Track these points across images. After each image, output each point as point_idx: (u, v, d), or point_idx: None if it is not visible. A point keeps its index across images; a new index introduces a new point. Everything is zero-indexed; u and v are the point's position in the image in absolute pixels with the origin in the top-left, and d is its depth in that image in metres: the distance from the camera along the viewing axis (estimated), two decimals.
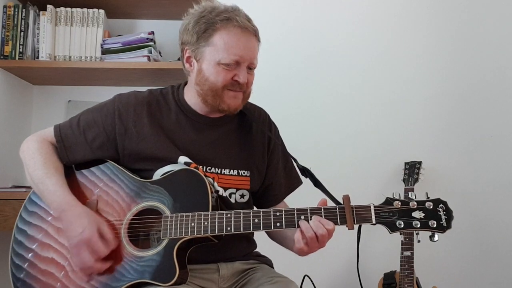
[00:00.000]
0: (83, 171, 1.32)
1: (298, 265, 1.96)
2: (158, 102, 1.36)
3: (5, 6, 2.20)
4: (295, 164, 1.43)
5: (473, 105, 2.37)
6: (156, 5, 2.38)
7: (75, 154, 1.30)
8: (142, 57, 2.25)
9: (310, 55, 2.39)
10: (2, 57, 2.17)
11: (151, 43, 2.29)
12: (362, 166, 2.33)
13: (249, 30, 1.26)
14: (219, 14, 1.26)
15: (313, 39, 2.40)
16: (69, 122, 1.35)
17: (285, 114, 2.33)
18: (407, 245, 2.05)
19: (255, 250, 1.47)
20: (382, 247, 2.28)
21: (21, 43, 2.20)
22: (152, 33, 2.32)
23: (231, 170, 1.34)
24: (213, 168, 1.32)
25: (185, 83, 1.43)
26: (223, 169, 1.33)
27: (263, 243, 1.53)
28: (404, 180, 2.17)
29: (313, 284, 2.03)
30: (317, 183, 1.36)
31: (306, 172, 1.38)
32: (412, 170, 2.17)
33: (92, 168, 1.32)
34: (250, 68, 1.30)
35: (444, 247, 2.30)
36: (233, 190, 1.34)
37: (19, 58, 2.19)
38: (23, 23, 2.21)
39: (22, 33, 2.20)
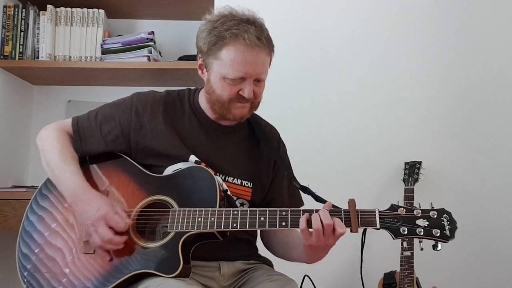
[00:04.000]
0: (96, 163, 1.36)
1: (298, 265, 1.95)
2: (174, 103, 1.41)
3: (5, 6, 2.20)
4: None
5: (473, 105, 2.36)
6: (156, 5, 2.39)
7: (89, 145, 1.36)
8: (142, 57, 2.25)
9: (309, 55, 2.38)
10: (2, 57, 2.17)
11: (151, 43, 2.29)
12: (362, 166, 2.33)
13: (256, 47, 1.26)
14: (230, 28, 1.26)
15: (313, 39, 2.39)
16: (87, 114, 1.39)
17: (284, 114, 2.33)
18: (407, 245, 2.05)
19: (257, 253, 1.47)
20: (382, 247, 2.27)
21: (21, 43, 2.20)
22: (152, 33, 2.33)
23: (235, 179, 1.37)
24: (218, 174, 1.34)
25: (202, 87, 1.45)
26: (227, 176, 1.36)
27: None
28: (404, 180, 2.17)
29: (313, 284, 2.03)
30: (317, 199, 1.37)
31: (306, 190, 1.40)
32: (412, 170, 2.17)
33: (105, 162, 1.36)
34: (258, 80, 1.31)
35: (444, 247, 2.30)
36: (234, 198, 1.36)
37: (19, 58, 2.19)
38: (23, 23, 2.21)
39: (22, 33, 2.20)
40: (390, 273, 2.09)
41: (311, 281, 2.02)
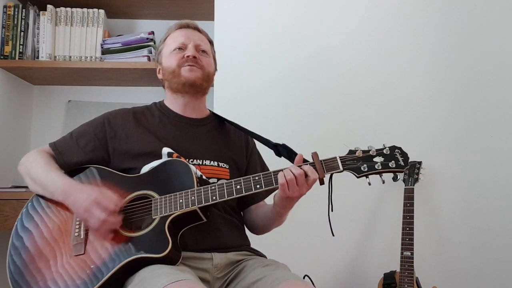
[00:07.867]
0: (76, 175, 1.43)
1: (298, 265, 1.95)
2: (143, 111, 1.55)
3: (5, 6, 2.20)
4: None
5: (473, 105, 2.36)
6: (156, 5, 2.39)
7: (70, 157, 1.44)
8: (142, 57, 2.25)
9: (308, 56, 2.38)
10: (2, 57, 2.17)
11: (151, 43, 2.29)
12: None
13: (188, 27, 1.57)
14: (170, 27, 1.60)
15: (312, 39, 2.39)
16: (63, 137, 1.51)
17: (284, 114, 2.34)
18: (407, 245, 2.05)
19: (249, 246, 1.51)
20: (382, 247, 2.28)
21: (21, 43, 2.20)
22: (152, 33, 2.33)
23: (212, 161, 1.46)
24: (195, 160, 1.43)
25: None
26: (204, 160, 1.45)
27: (260, 241, 1.53)
28: (404, 180, 2.17)
29: (313, 284, 2.03)
30: (291, 155, 1.49)
31: (280, 148, 1.52)
32: (412, 170, 2.17)
33: (83, 173, 1.44)
34: (202, 50, 1.53)
35: (444, 247, 2.30)
36: (215, 180, 1.42)
37: (19, 58, 2.19)
38: (23, 23, 2.21)
39: (22, 33, 2.20)
40: (390, 273, 2.09)
41: (311, 281, 2.02)
